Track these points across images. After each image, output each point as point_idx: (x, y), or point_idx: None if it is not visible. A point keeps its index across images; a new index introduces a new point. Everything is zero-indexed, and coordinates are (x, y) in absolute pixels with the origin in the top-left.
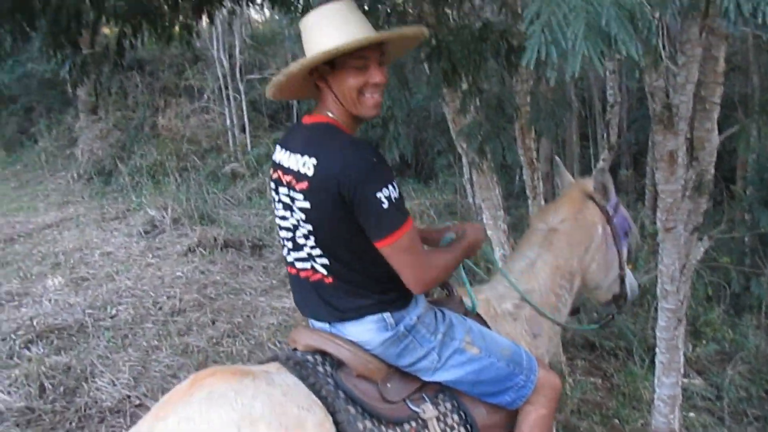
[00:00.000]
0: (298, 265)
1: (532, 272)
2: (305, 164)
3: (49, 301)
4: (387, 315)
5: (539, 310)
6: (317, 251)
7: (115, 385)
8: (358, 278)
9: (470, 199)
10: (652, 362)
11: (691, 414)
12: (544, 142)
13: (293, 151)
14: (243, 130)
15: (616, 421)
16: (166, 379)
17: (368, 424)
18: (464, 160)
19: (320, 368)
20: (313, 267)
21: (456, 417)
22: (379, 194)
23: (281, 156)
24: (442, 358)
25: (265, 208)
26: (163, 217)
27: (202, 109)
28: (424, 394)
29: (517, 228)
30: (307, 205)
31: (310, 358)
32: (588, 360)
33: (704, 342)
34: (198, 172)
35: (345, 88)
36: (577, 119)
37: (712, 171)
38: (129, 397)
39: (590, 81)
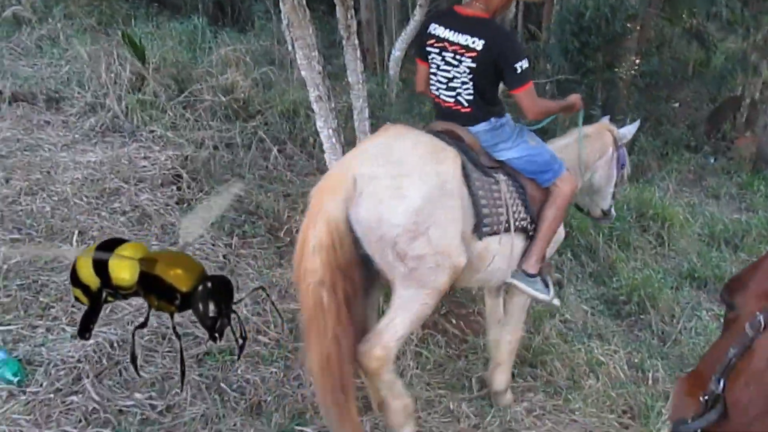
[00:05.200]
0: (448, 99)
1: (566, 150)
2: (474, 42)
3: None
4: (494, 119)
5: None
6: (469, 91)
7: None
8: (484, 104)
9: (289, 47)
10: None
11: None
12: None
13: (459, 31)
14: None
15: None
16: None
17: (473, 169)
18: (282, 5)
19: (448, 139)
20: (459, 101)
21: (513, 188)
22: (517, 65)
23: (444, 32)
24: (516, 142)
25: (59, 57)
26: None
27: None
28: (498, 169)
29: (339, 77)
30: (474, 65)
31: (442, 135)
32: None
33: None
34: None
35: None
36: None
37: (512, 14)
38: None
39: None
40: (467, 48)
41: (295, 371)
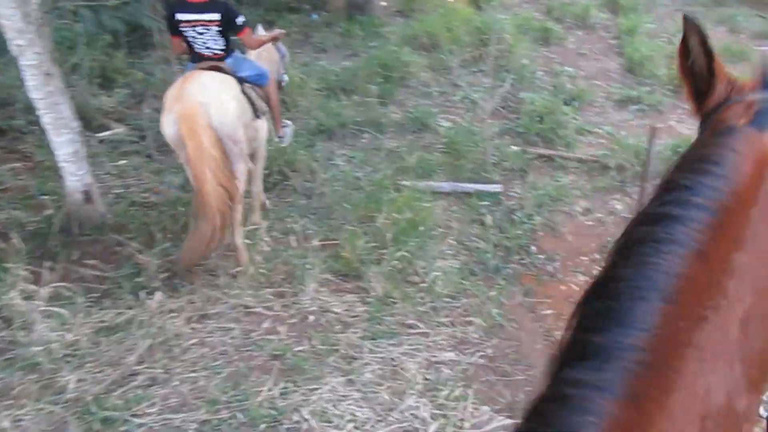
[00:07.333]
0: (207, 53)
1: (258, 59)
2: (213, 16)
3: None
4: (233, 54)
5: None
6: (220, 45)
7: None
8: (228, 48)
9: None
10: None
11: (123, 161)
12: None
13: (196, 11)
14: None
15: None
16: None
17: (241, 83)
18: None
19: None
20: (214, 52)
21: (254, 90)
22: (237, 20)
23: (189, 16)
24: (247, 65)
25: None
26: None
27: None
28: (244, 81)
29: None
30: (220, 29)
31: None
32: (1, 147)
33: (116, 90)
34: None
35: None
36: None
37: None
38: None
39: None
40: (212, 20)
41: None
